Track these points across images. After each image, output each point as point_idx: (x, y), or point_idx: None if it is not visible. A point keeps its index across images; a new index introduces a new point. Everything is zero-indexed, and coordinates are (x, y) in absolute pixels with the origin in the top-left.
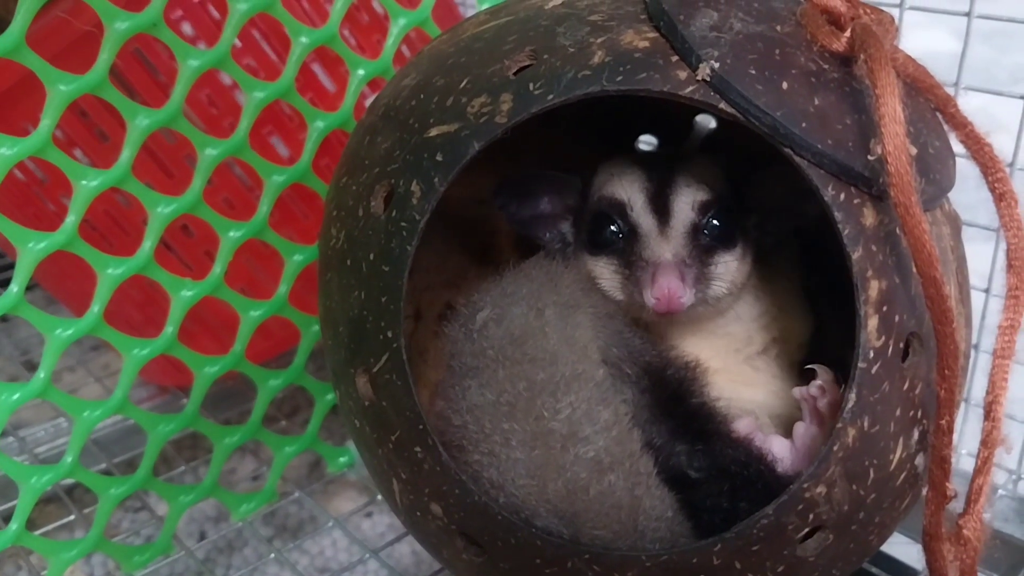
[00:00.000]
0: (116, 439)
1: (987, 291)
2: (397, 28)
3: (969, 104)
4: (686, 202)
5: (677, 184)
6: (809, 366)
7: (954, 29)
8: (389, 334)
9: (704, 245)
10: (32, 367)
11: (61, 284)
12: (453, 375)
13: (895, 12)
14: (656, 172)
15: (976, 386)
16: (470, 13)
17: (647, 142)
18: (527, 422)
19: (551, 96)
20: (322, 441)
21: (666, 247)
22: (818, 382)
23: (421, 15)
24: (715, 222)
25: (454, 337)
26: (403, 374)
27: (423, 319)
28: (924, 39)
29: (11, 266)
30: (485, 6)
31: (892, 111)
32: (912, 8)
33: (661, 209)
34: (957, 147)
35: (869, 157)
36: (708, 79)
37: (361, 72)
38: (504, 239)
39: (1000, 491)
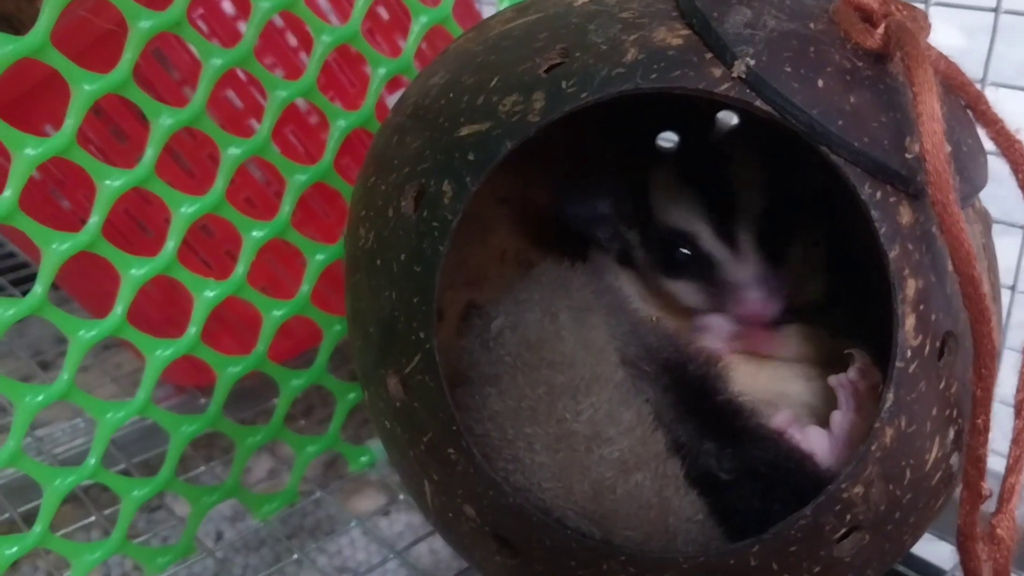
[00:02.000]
0: (134, 439)
1: (1013, 288)
2: (418, 26)
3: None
4: (749, 220)
5: (736, 202)
6: (847, 351)
7: (961, 25)
8: (421, 335)
9: (770, 253)
10: (45, 366)
11: (79, 284)
12: (472, 385)
13: (920, 7)
14: (711, 189)
15: (1001, 383)
16: (487, 11)
17: (667, 139)
18: (549, 425)
19: (585, 94)
20: (343, 441)
21: (746, 270)
22: (857, 365)
23: (442, 13)
24: (771, 227)
25: (470, 348)
26: (436, 375)
27: (445, 318)
28: (931, 35)
29: (20, 266)
30: (506, 3)
31: (930, 109)
32: (937, 4)
33: (728, 234)
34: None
35: (906, 155)
36: (744, 76)
37: (382, 71)
38: (524, 239)
39: None
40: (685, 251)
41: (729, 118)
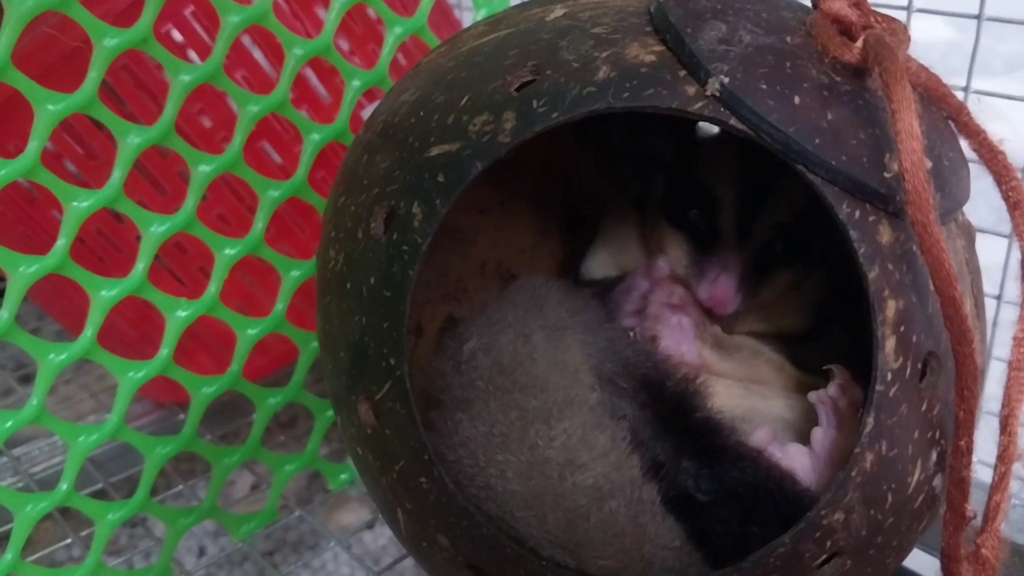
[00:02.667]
0: (113, 456)
1: (999, 298)
2: (393, 37)
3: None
4: (768, 222)
5: (768, 199)
6: (826, 367)
7: (950, 18)
8: (392, 361)
9: (765, 264)
10: (28, 380)
11: (53, 302)
12: (444, 410)
13: (902, 15)
14: (755, 176)
15: (988, 393)
16: (467, 17)
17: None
18: (522, 452)
19: (555, 114)
20: (322, 458)
21: (737, 260)
22: (837, 382)
23: (417, 23)
24: (782, 248)
25: (442, 370)
26: (407, 403)
27: (424, 334)
28: (920, 27)
29: None
30: (483, 12)
31: (909, 126)
32: (919, 11)
33: (747, 220)
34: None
35: (885, 174)
36: (718, 94)
37: (357, 83)
38: (505, 250)
39: (1015, 500)
40: (698, 214)
41: (710, 128)
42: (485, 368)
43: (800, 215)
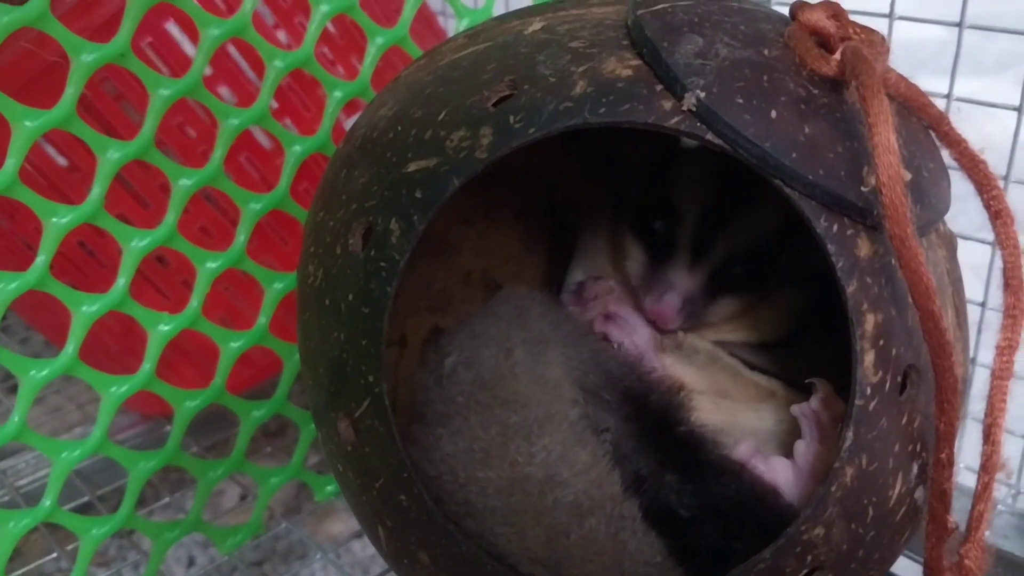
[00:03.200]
0: (100, 468)
1: (983, 304)
2: (375, 47)
3: (959, 91)
4: (726, 247)
5: (731, 225)
6: (809, 380)
7: (942, 16)
8: (370, 378)
9: (718, 286)
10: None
11: (37, 316)
12: (425, 424)
13: (884, 22)
14: (725, 198)
15: (973, 399)
16: (451, 24)
17: None
18: (502, 468)
19: (532, 130)
20: (308, 470)
21: (686, 280)
22: (820, 395)
23: (399, 33)
24: (741, 272)
25: (424, 384)
26: (386, 420)
27: (409, 345)
28: (911, 26)
29: None
30: (465, 22)
31: (886, 141)
32: (901, 18)
33: (703, 244)
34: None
35: (863, 188)
36: (694, 109)
37: (338, 94)
38: (490, 259)
39: (1000, 506)
40: (659, 227)
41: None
42: (467, 383)
43: (766, 243)
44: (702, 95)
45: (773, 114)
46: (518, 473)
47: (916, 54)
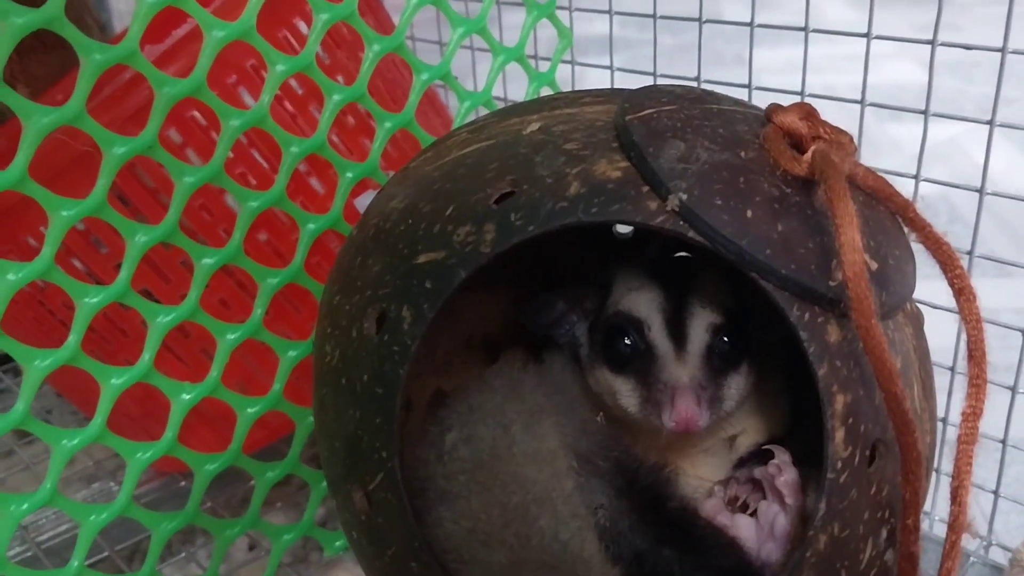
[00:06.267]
0: (117, 523)
1: (952, 368)
2: (383, 131)
3: (940, 136)
4: (701, 325)
5: (692, 306)
6: (765, 447)
7: (921, 60)
8: (384, 454)
9: (716, 367)
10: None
11: (68, 386)
12: (427, 500)
13: (862, 42)
14: (672, 291)
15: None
16: (452, 101)
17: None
18: (502, 552)
19: (531, 227)
20: (318, 527)
21: (683, 371)
22: (775, 461)
23: (406, 118)
24: (726, 342)
25: (426, 459)
26: (398, 493)
27: (414, 408)
28: (892, 70)
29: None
30: (467, 104)
31: (851, 240)
32: (878, 38)
33: (678, 332)
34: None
35: (831, 282)
36: (677, 210)
37: (350, 175)
38: (492, 324)
39: (972, 558)
40: (628, 342)
41: None
42: (467, 461)
43: (731, 309)
44: (684, 197)
45: (749, 214)
46: (518, 556)
47: (899, 98)
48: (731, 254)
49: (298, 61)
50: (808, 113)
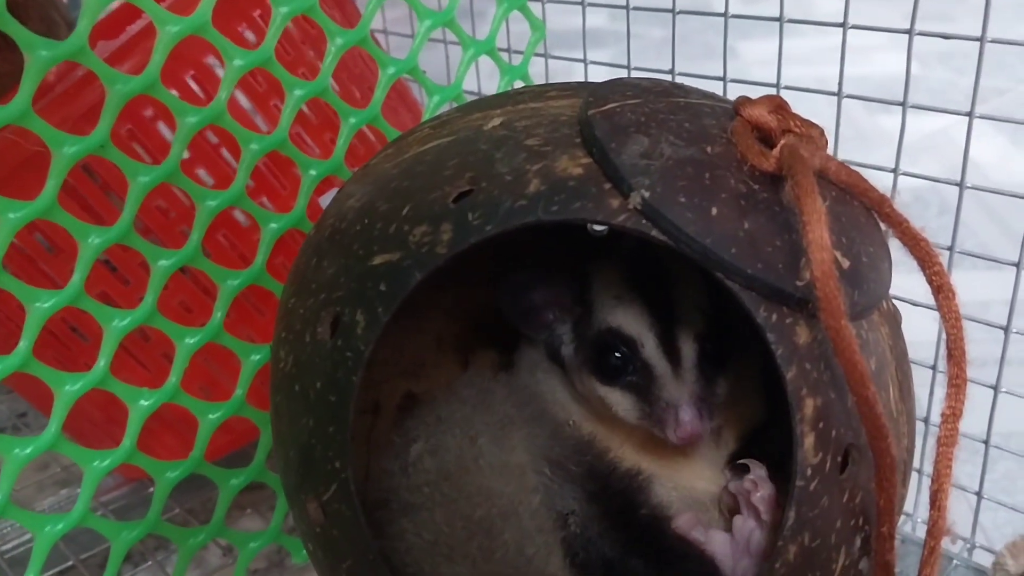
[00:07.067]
0: (82, 530)
1: (933, 368)
2: (348, 127)
3: (932, 127)
4: (689, 337)
5: (679, 317)
6: (741, 461)
7: (915, 51)
8: (337, 464)
9: (707, 374)
10: None
11: (29, 392)
12: (390, 512)
13: (838, 31)
14: (654, 296)
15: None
16: (422, 93)
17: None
18: (465, 565)
19: (489, 227)
20: (285, 534)
21: (683, 390)
22: (751, 476)
23: (371, 113)
24: (712, 349)
25: (390, 471)
26: (352, 505)
27: (382, 412)
28: (881, 61)
29: None
30: (436, 98)
31: (819, 238)
32: (854, 27)
33: (671, 349)
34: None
35: (798, 282)
36: (639, 208)
37: (313, 172)
38: (463, 323)
39: (955, 561)
40: (621, 356)
41: None
42: (432, 473)
43: (707, 311)
44: (647, 194)
45: (714, 211)
46: (480, 571)
47: (886, 90)
48: (695, 253)
49: (256, 56)
50: (778, 106)
